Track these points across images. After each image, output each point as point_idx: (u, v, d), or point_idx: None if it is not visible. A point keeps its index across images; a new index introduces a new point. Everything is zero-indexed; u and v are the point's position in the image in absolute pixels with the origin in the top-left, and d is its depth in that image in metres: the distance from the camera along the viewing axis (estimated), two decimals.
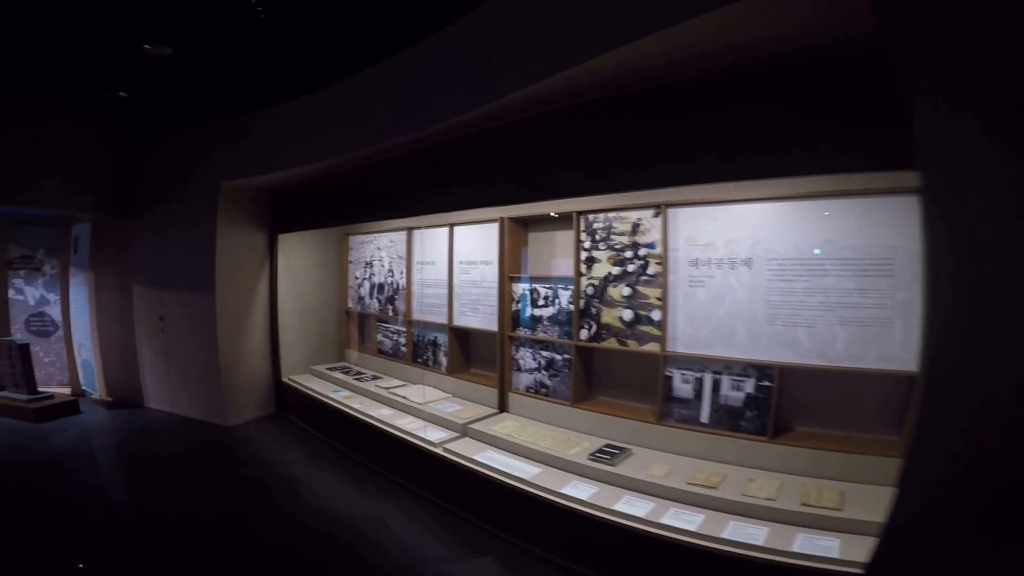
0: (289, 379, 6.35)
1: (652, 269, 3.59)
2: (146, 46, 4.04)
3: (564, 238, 4.32)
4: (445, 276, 5.12)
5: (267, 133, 5.38)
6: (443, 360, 5.26)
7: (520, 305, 4.39)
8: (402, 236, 5.73)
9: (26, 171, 5.37)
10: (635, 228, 3.68)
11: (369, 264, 6.29)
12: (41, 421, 5.77)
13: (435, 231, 5.30)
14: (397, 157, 4.63)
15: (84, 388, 6.86)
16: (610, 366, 4.11)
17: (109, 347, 6.70)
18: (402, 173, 4.62)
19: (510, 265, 4.47)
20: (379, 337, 6.24)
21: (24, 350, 5.95)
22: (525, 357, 4.39)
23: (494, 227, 4.56)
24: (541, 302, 4.24)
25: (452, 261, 5.05)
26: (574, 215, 3.97)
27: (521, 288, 4.39)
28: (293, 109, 5.08)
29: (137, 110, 5.77)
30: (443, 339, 5.25)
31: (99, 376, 6.70)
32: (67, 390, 6.95)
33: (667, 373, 3.53)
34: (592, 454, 3.47)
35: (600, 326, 3.84)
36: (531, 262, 4.58)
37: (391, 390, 5.32)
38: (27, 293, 6.99)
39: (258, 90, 4.98)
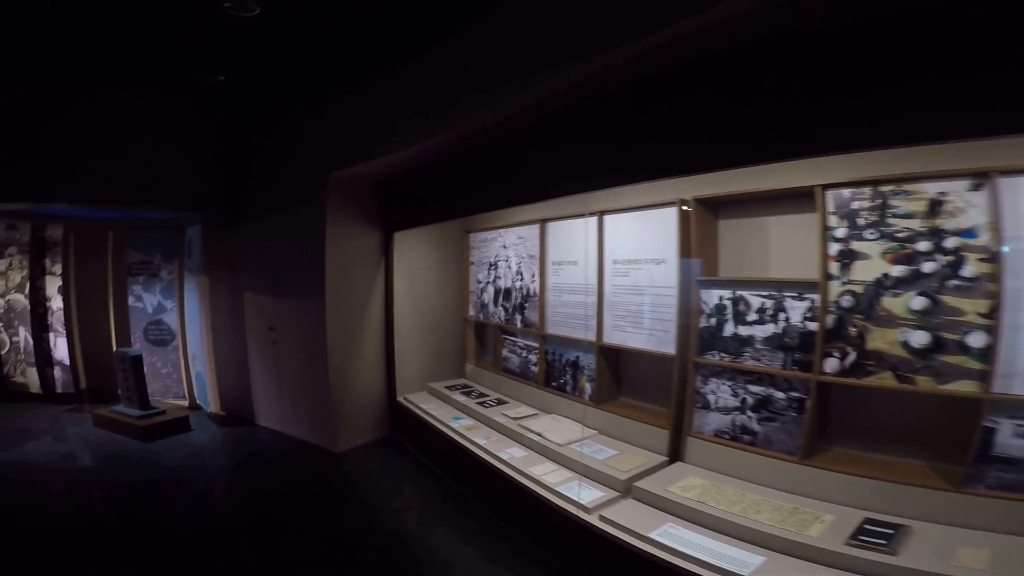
0: (404, 399, 5.52)
1: (970, 269, 2.22)
2: (226, 3, 3.27)
3: (787, 225, 3.03)
4: (591, 280, 3.99)
5: (377, 109, 4.55)
6: (587, 387, 4.13)
7: (713, 320, 3.15)
8: (533, 231, 4.67)
9: (136, 171, 4.92)
10: (933, 208, 2.32)
11: (493, 265, 5.31)
12: (150, 440, 5.36)
13: (575, 223, 4.19)
14: (534, 122, 3.55)
15: (198, 402, 6.48)
16: (867, 409, 2.75)
17: (222, 358, 6.28)
18: (541, 143, 3.54)
19: (699, 264, 3.24)
20: (504, 352, 5.23)
21: (137, 363, 5.58)
22: (720, 391, 3.14)
23: (667, 213, 3.35)
24: (752, 316, 2.97)
25: (602, 260, 3.90)
26: (817, 190, 2.67)
27: (717, 296, 3.14)
28: (406, 76, 4.19)
29: (238, 97, 5.17)
30: (587, 360, 4.12)
31: (212, 389, 6.28)
32: (184, 403, 6.63)
33: (989, 423, 2.16)
34: (853, 536, 2.22)
35: (863, 354, 2.52)
36: (726, 259, 3.33)
37: (521, 421, 4.28)
38: (145, 300, 6.77)
39: (364, 56, 4.13)
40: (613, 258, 3.81)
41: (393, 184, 5.47)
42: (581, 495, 3.09)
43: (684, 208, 3.26)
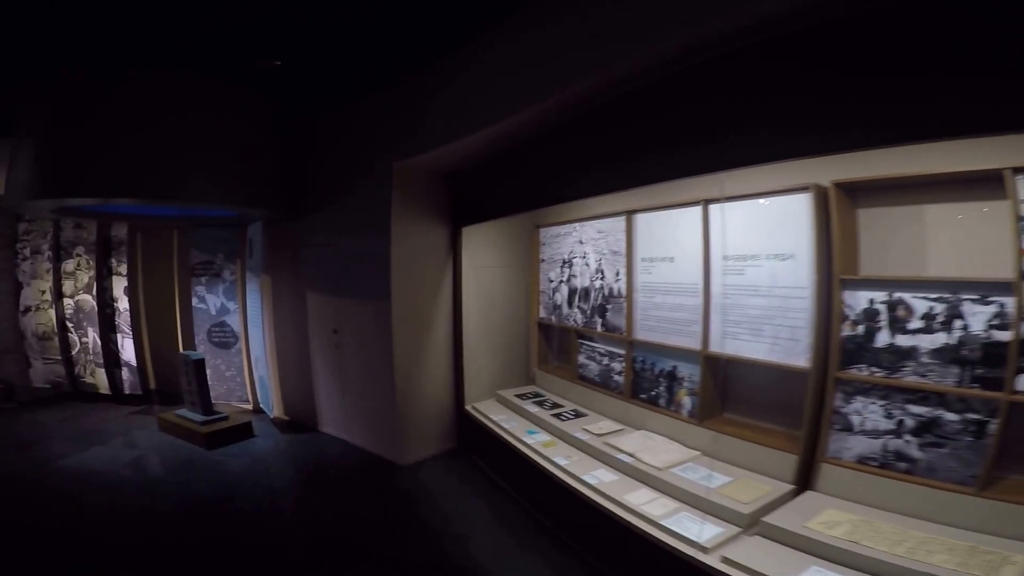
0: (473, 408, 5.19)
1: None
2: None
3: (953, 214, 2.51)
4: (694, 279, 3.54)
5: (443, 90, 4.22)
6: (685, 401, 3.68)
7: (861, 328, 2.65)
8: (617, 224, 4.25)
9: (199, 164, 4.71)
10: None
11: (567, 263, 4.90)
12: (213, 447, 5.22)
13: (671, 215, 3.74)
14: (622, 96, 3.13)
15: (261, 406, 6.34)
16: None
17: (284, 361, 6.12)
18: (632, 120, 3.11)
19: (842, 260, 2.75)
20: (581, 359, 4.82)
21: (199, 367, 5.46)
22: (868, 412, 2.65)
23: (797, 201, 2.88)
24: (915, 323, 2.47)
25: (709, 256, 3.44)
26: (1007, 173, 2.16)
27: (866, 300, 2.65)
28: (475, 52, 3.84)
29: (295, 84, 4.89)
30: (686, 370, 3.67)
31: (274, 393, 6.13)
32: (248, 406, 6.52)
33: None
34: None
35: None
36: (868, 255, 2.82)
37: (606, 439, 3.87)
38: (208, 301, 6.68)
39: (429, 30, 3.78)
40: (723, 253, 3.34)
41: (462, 174, 5.15)
42: (694, 530, 2.67)
43: (821, 194, 2.78)
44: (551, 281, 5.16)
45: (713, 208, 3.39)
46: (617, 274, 4.26)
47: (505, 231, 5.49)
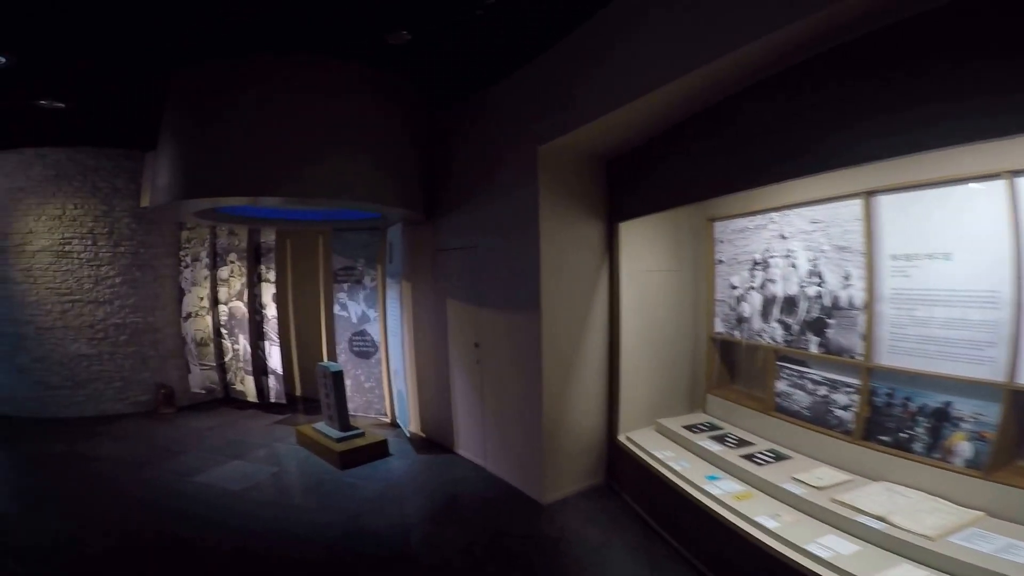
0: (627, 439, 4.32)
1: None
2: None
3: None
4: (991, 284, 2.41)
5: (600, 53, 3.45)
6: (962, 447, 2.55)
7: None
8: (845, 210, 3.16)
9: (336, 158, 4.32)
10: None
11: (761, 264, 3.87)
12: (346, 467, 4.88)
13: (947, 193, 2.62)
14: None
15: (398, 421, 5.97)
16: None
17: (423, 375, 5.71)
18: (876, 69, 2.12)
19: None
20: (780, 385, 3.75)
21: (337, 379, 5.16)
22: None
23: None
24: None
25: (1022, 252, 2.29)
26: None
27: None
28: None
29: (425, 63, 4.32)
30: (968, 407, 2.55)
31: (412, 409, 5.72)
32: (386, 419, 6.21)
33: None
34: None
35: None
36: None
37: (831, 492, 2.88)
38: (350, 309, 6.47)
39: None
40: None
41: (618, 159, 4.34)
42: None
43: None
44: (734, 288, 4.15)
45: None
46: (847, 278, 3.17)
47: (668, 227, 4.58)
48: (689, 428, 4.17)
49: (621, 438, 4.39)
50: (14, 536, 3.64)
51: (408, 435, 5.65)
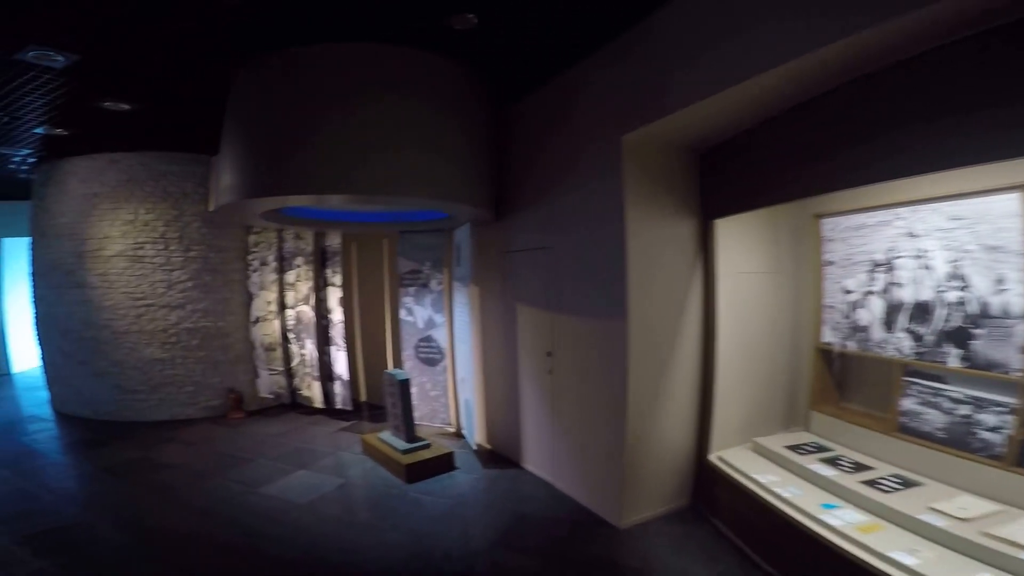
0: (719, 459, 3.96)
1: None
2: None
3: None
4: None
5: (693, 28, 3.15)
6: None
7: None
8: (994, 205, 2.75)
9: (403, 152, 4.10)
10: None
11: (884, 266, 3.46)
12: (412, 480, 4.70)
13: None
14: None
15: (463, 431, 5.77)
16: None
17: (491, 384, 5.49)
18: None
19: None
20: (908, 403, 3.33)
21: (404, 388, 4.99)
22: None
23: None
24: None
25: None
26: None
27: None
28: None
29: (495, 49, 4.08)
30: None
31: (479, 420, 5.51)
32: (451, 429, 6.03)
33: None
34: None
35: None
36: None
37: (978, 524, 2.53)
38: (416, 314, 6.31)
39: None
40: None
41: (713, 149, 4.01)
42: None
43: None
44: (848, 292, 3.74)
45: None
46: (999, 282, 2.75)
47: (764, 224, 4.22)
48: (793, 448, 3.78)
49: (713, 458, 4.04)
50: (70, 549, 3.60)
51: (474, 447, 5.44)
